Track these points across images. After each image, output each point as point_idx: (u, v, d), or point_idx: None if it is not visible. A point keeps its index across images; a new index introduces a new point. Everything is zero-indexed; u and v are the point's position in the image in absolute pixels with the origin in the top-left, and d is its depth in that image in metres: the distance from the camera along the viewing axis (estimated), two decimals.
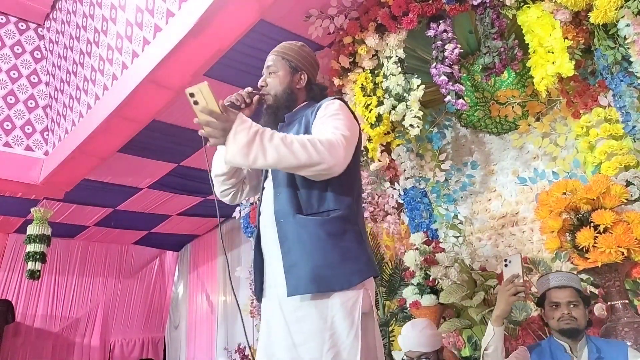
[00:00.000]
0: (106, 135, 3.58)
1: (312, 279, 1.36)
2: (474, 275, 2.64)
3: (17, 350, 5.87)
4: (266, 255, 1.55)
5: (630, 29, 2.08)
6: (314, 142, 1.37)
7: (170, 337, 7.10)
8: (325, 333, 1.34)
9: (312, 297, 1.38)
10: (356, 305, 1.37)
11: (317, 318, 1.36)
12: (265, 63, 1.69)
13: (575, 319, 1.83)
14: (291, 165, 1.35)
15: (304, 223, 1.43)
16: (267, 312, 1.51)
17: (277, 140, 1.34)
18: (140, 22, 3.12)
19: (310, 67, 1.69)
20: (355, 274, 1.40)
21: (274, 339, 1.44)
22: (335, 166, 1.38)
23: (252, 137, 1.32)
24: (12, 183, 4.24)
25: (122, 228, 6.20)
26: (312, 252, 1.39)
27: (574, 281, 1.92)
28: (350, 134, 1.46)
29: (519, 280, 1.92)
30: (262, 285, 1.56)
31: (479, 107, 2.98)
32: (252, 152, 1.31)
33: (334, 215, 1.44)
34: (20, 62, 4.55)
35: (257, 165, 1.35)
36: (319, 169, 1.36)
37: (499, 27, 2.35)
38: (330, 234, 1.41)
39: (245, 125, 1.34)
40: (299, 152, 1.34)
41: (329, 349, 1.33)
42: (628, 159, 2.29)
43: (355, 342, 1.33)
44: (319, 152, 1.35)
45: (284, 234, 1.46)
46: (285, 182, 1.50)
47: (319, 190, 1.47)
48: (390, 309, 3.17)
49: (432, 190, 3.16)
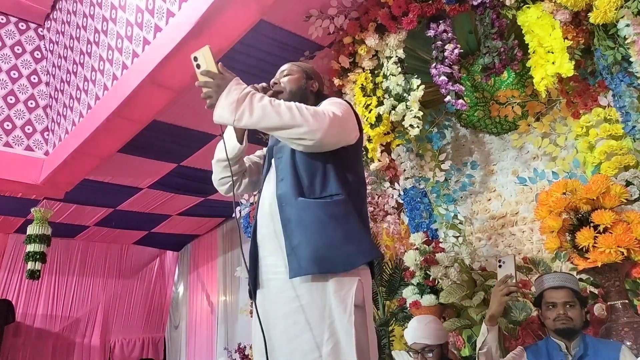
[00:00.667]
0: (106, 135, 3.58)
1: (314, 259, 1.37)
2: (474, 275, 2.65)
3: (18, 350, 5.88)
4: (262, 248, 1.55)
5: (630, 29, 2.08)
6: (300, 106, 1.43)
7: (170, 337, 7.10)
8: (326, 321, 1.35)
9: (310, 287, 1.39)
10: (349, 294, 1.37)
11: (315, 307, 1.37)
12: (279, 70, 1.75)
13: (572, 319, 1.84)
14: (274, 123, 1.39)
15: (306, 206, 1.44)
16: (265, 305, 1.51)
17: (265, 100, 1.41)
18: (141, 22, 3.12)
19: (321, 83, 1.77)
20: (357, 255, 1.41)
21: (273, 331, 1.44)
22: (317, 132, 1.40)
23: (244, 96, 1.40)
24: (12, 183, 4.24)
25: (123, 228, 6.20)
26: (314, 234, 1.40)
27: (570, 282, 1.93)
28: (341, 116, 1.48)
29: (511, 281, 1.95)
30: (256, 279, 1.56)
31: (479, 107, 2.98)
32: (240, 108, 1.38)
33: (337, 198, 1.46)
34: (21, 62, 4.55)
35: (242, 123, 1.39)
36: (300, 131, 1.39)
37: (498, 27, 2.35)
38: (332, 216, 1.42)
39: (240, 85, 1.42)
40: (284, 112, 1.39)
41: (328, 337, 1.33)
42: (628, 159, 2.29)
43: (349, 327, 1.33)
44: (303, 115, 1.39)
45: (286, 216, 1.47)
46: (288, 169, 1.52)
47: (321, 176, 1.49)
48: (390, 309, 3.17)
49: (432, 190, 3.16)
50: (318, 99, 1.70)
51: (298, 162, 1.51)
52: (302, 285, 1.40)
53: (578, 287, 1.94)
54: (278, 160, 1.58)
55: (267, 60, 3.07)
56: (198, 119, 3.77)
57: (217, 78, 1.43)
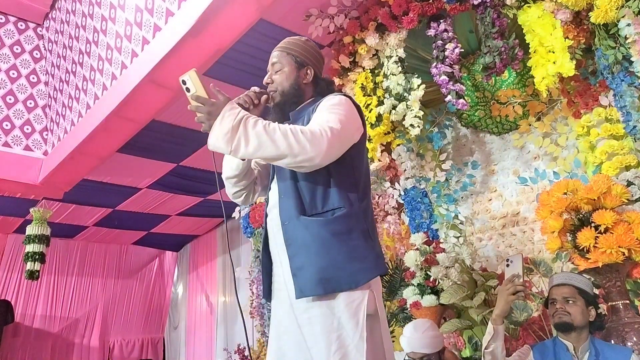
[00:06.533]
0: (105, 135, 3.57)
1: (318, 281, 1.36)
2: (475, 275, 2.64)
3: (17, 351, 5.86)
4: (274, 257, 1.54)
5: (631, 29, 2.08)
6: (295, 131, 1.35)
7: (169, 338, 7.09)
8: (333, 334, 1.34)
9: (320, 299, 1.37)
10: (361, 306, 1.36)
11: (325, 319, 1.36)
12: (270, 60, 1.66)
13: (569, 313, 1.84)
14: (271, 154, 1.34)
15: (307, 225, 1.42)
16: (278, 314, 1.50)
17: (259, 127, 1.33)
18: (140, 22, 3.11)
19: (315, 62, 1.66)
20: (361, 273, 1.38)
21: (285, 341, 1.44)
22: (316, 158, 1.35)
23: (237, 123, 1.33)
24: (11, 183, 4.23)
25: (122, 228, 6.19)
26: (317, 254, 1.38)
27: (575, 280, 1.93)
28: (341, 127, 1.41)
29: (518, 280, 1.95)
30: (270, 287, 1.56)
31: (480, 107, 2.97)
32: (235, 138, 1.32)
33: (339, 214, 1.42)
34: (20, 61, 4.54)
35: (239, 154, 1.34)
36: (298, 160, 1.34)
37: (499, 26, 2.35)
38: (334, 234, 1.39)
39: (233, 111, 1.35)
40: (280, 140, 1.32)
41: (336, 350, 1.32)
42: (629, 158, 2.28)
43: (360, 343, 1.32)
44: (299, 142, 1.33)
45: (289, 236, 1.45)
46: (289, 183, 1.48)
47: (323, 189, 1.45)
48: (390, 310, 3.16)
49: (432, 190, 3.15)
50: (316, 89, 1.64)
51: (299, 176, 1.47)
52: (312, 299, 1.38)
53: (586, 286, 1.94)
54: (279, 173, 1.54)
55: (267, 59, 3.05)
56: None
57: (208, 104, 1.36)
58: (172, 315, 7.16)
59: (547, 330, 2.35)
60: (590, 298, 1.91)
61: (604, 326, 1.94)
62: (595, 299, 1.96)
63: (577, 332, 1.85)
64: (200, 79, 1.39)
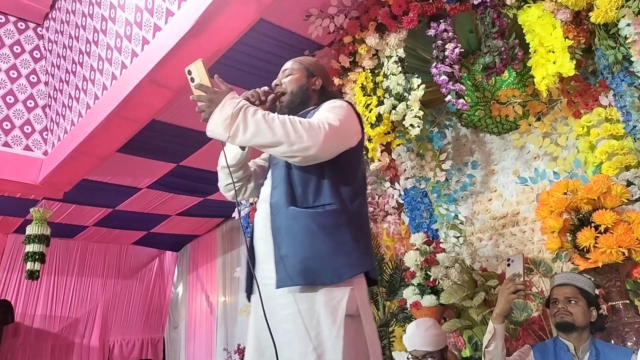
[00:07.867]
0: (105, 135, 3.57)
1: (299, 271, 1.35)
2: (475, 275, 2.64)
3: (17, 351, 5.86)
4: (257, 252, 1.54)
5: (631, 29, 2.07)
6: (294, 121, 1.38)
7: (169, 338, 7.09)
8: (312, 332, 1.33)
9: (301, 295, 1.37)
10: (340, 305, 1.34)
11: (304, 317, 1.35)
12: (282, 69, 1.72)
13: (570, 313, 1.85)
14: (267, 140, 1.36)
15: (295, 215, 1.42)
16: (258, 310, 1.48)
17: (259, 115, 1.37)
18: (140, 22, 3.11)
19: (325, 77, 1.73)
20: (344, 268, 1.37)
21: (265, 338, 1.42)
22: (312, 148, 1.36)
23: (237, 111, 1.36)
24: (11, 183, 4.23)
25: (122, 228, 6.19)
26: (302, 244, 1.38)
27: (577, 280, 1.93)
28: (339, 125, 1.44)
29: (519, 279, 1.95)
30: (252, 283, 1.54)
31: (480, 107, 2.97)
32: (233, 124, 1.35)
33: (329, 209, 1.42)
34: (20, 61, 4.54)
35: (236, 140, 1.37)
36: (294, 149, 1.36)
37: (499, 26, 2.35)
38: (322, 227, 1.39)
39: (234, 100, 1.39)
40: (277, 127, 1.35)
41: (313, 348, 1.31)
42: (629, 158, 2.28)
43: (337, 342, 1.30)
44: (297, 131, 1.36)
45: (276, 225, 1.45)
46: (283, 177, 1.50)
47: (315, 185, 1.46)
48: (390, 310, 3.17)
49: (432, 190, 3.15)
50: (322, 98, 1.68)
51: (293, 170, 1.49)
52: (292, 294, 1.37)
53: (588, 287, 1.94)
54: (274, 167, 1.57)
55: (267, 59, 3.06)
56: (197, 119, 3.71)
57: (210, 92, 1.41)
58: (172, 315, 7.16)
59: (547, 330, 2.35)
60: (591, 298, 1.91)
61: (605, 327, 1.94)
62: (597, 300, 1.96)
63: (578, 332, 1.85)
64: (205, 69, 1.43)
